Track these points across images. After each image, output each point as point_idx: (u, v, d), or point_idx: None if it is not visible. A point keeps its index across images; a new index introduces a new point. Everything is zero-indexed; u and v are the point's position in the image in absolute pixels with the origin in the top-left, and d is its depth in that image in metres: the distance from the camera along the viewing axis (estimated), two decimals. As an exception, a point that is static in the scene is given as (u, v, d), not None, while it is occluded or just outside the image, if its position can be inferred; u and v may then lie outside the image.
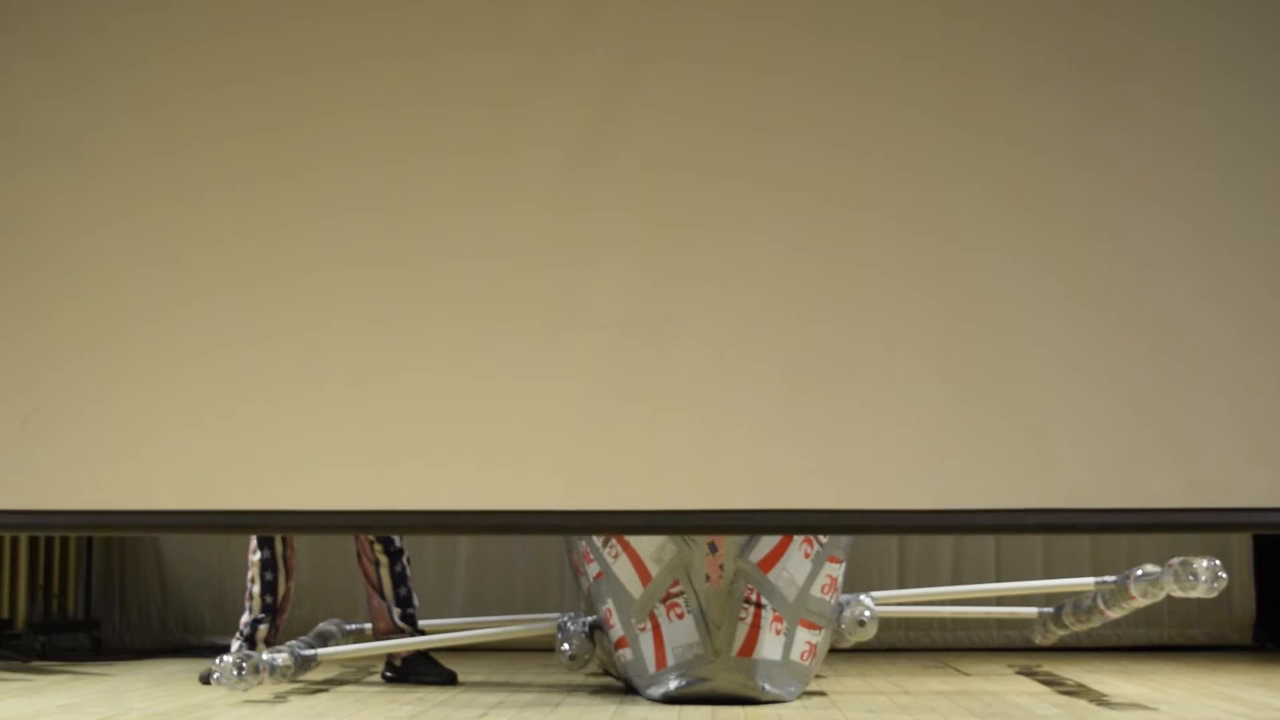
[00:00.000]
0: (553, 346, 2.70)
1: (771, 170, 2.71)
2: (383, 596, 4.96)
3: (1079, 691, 4.60)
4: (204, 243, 2.75)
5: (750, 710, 3.97)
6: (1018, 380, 2.67)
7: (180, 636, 7.00)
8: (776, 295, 2.70)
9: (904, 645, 6.76)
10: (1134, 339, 2.67)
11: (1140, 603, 4.45)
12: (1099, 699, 4.34)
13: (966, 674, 5.36)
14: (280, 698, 4.38)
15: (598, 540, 4.26)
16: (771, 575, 4.05)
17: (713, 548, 3.99)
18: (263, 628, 4.94)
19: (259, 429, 2.71)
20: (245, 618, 4.96)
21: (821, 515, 2.73)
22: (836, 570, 4.30)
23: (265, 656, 4.23)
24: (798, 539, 4.09)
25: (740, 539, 3.99)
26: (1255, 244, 2.68)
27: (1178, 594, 4.31)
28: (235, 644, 4.93)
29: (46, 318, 2.74)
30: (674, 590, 4.08)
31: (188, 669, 5.43)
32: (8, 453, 2.72)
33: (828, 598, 4.28)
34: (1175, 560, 4.33)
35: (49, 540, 6.51)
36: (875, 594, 4.60)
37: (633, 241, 2.72)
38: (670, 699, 4.10)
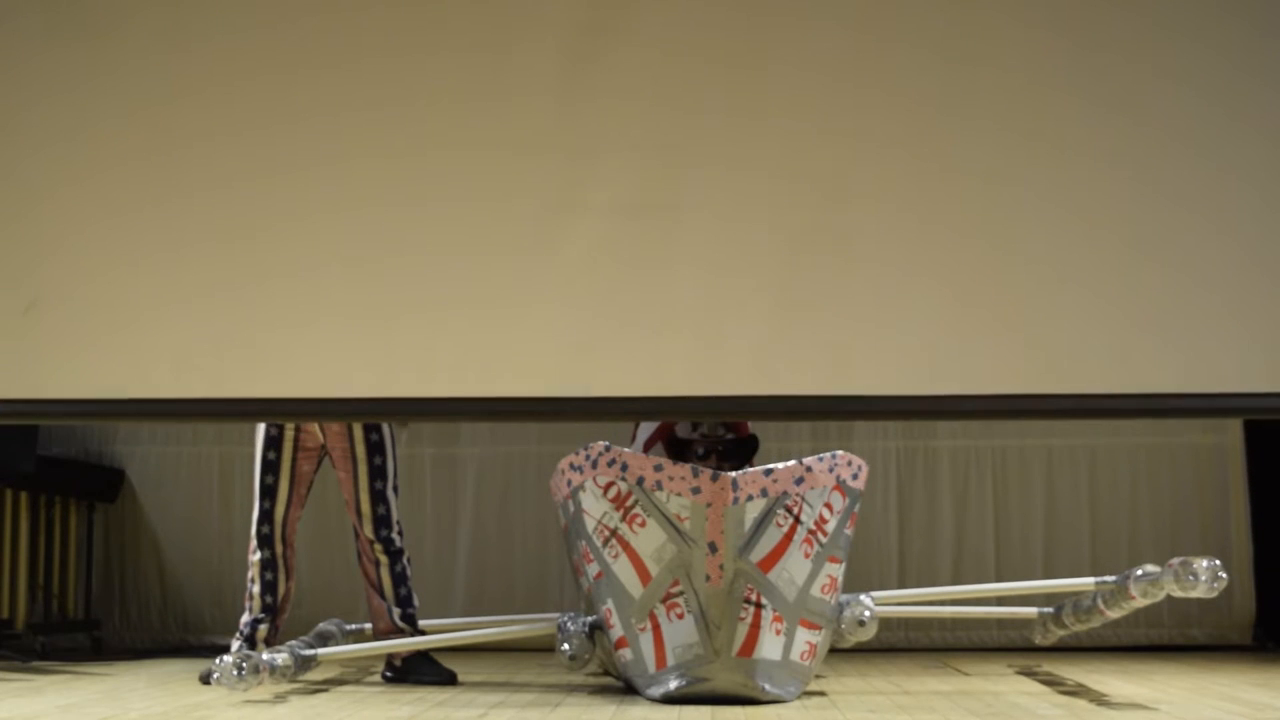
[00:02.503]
0: (552, 233, 2.71)
1: (778, 62, 2.72)
2: (383, 596, 4.96)
3: (1079, 691, 4.60)
4: (205, 133, 2.76)
5: (750, 710, 3.97)
6: (1014, 274, 2.70)
7: (180, 636, 7.00)
8: (778, 187, 2.72)
9: (904, 645, 6.77)
10: (1127, 232, 2.70)
11: (1140, 603, 4.45)
12: (1099, 699, 4.34)
13: (966, 674, 5.36)
14: (280, 698, 4.38)
15: (598, 540, 4.26)
16: (771, 575, 4.05)
17: (713, 548, 3.99)
18: (263, 628, 4.94)
19: (260, 317, 2.73)
20: (245, 618, 4.97)
21: (816, 401, 2.75)
22: (836, 570, 4.30)
23: (265, 656, 4.23)
24: (798, 539, 4.09)
25: (740, 539, 4.00)
26: (1244, 145, 2.72)
27: (1178, 594, 4.31)
28: (235, 644, 4.93)
29: (47, 206, 2.76)
30: (674, 590, 4.08)
31: (188, 669, 5.43)
32: (10, 342, 2.73)
33: (828, 598, 4.28)
34: (1175, 560, 4.33)
35: (49, 540, 6.52)
36: (875, 594, 4.60)
37: (633, 130, 2.73)
38: (670, 699, 4.10)
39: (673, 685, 4.09)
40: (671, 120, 2.73)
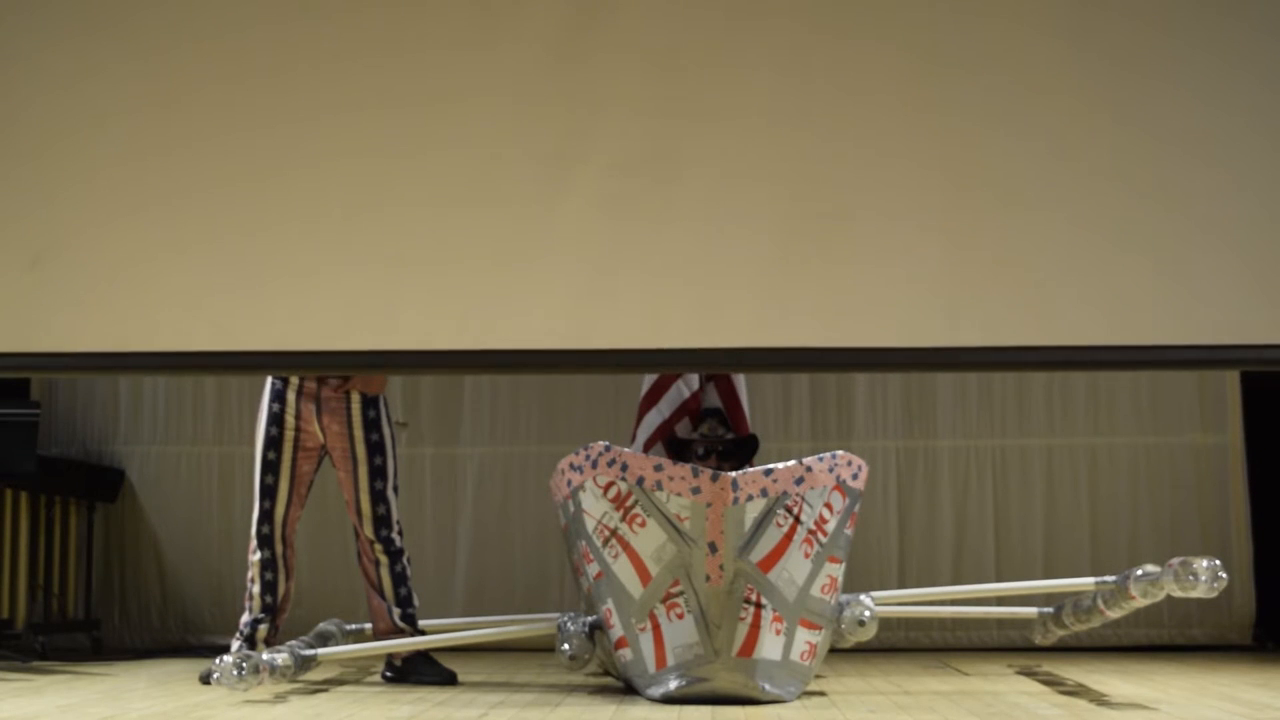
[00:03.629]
0: (553, 187, 2.72)
1: (776, 15, 2.73)
2: (383, 596, 4.96)
3: (1079, 691, 4.60)
4: (209, 83, 2.77)
5: (750, 710, 3.97)
6: (1013, 226, 2.71)
7: (180, 636, 7.00)
8: (777, 141, 2.73)
9: (904, 645, 6.77)
10: (1125, 185, 2.71)
11: (1140, 603, 4.46)
12: (1099, 699, 4.34)
13: (966, 674, 5.36)
14: (280, 698, 4.38)
15: (598, 540, 4.26)
16: (771, 575, 4.05)
17: (713, 548, 3.99)
18: (263, 628, 4.94)
19: (262, 270, 2.74)
20: (245, 618, 4.97)
21: (815, 353, 2.75)
22: (836, 570, 4.30)
23: (265, 656, 4.23)
24: (798, 539, 4.09)
25: (740, 539, 4.00)
26: (1245, 91, 2.72)
27: (1178, 594, 4.31)
28: (235, 644, 4.93)
29: (50, 159, 2.76)
30: (674, 590, 4.08)
31: (188, 669, 5.43)
32: (16, 296, 2.74)
33: (828, 598, 4.28)
34: (1175, 560, 4.33)
35: (49, 540, 6.52)
36: (875, 594, 4.60)
37: (633, 85, 2.74)
38: (670, 699, 4.10)
39: (673, 685, 4.09)
40: (671, 75, 2.74)
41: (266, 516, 4.97)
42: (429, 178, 2.75)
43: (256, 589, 4.95)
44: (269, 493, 4.97)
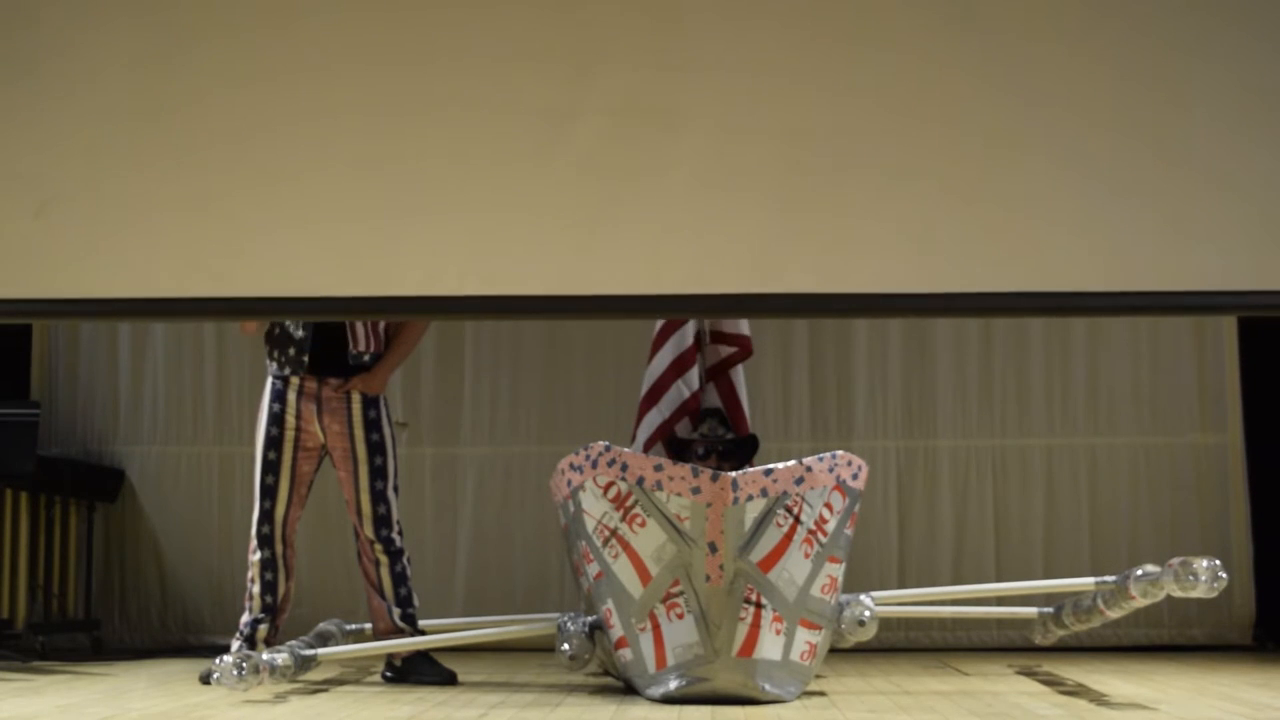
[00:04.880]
0: (553, 137, 2.74)
1: None
2: (383, 596, 4.96)
3: (1079, 691, 4.60)
4: (215, 35, 2.79)
5: (750, 710, 3.97)
6: (1008, 172, 2.72)
7: (180, 636, 7.00)
8: (774, 89, 2.74)
9: (904, 645, 6.77)
10: (1122, 132, 2.72)
11: (1140, 603, 4.46)
12: (1099, 699, 4.34)
13: (966, 674, 5.36)
14: (280, 698, 4.38)
15: (598, 540, 4.26)
16: (771, 575, 4.05)
17: (713, 548, 3.99)
18: (263, 628, 4.94)
19: (265, 219, 2.76)
20: (245, 618, 4.96)
21: (813, 299, 2.77)
22: (836, 570, 4.30)
23: (265, 656, 4.23)
24: (798, 539, 4.09)
25: (740, 539, 3.99)
26: (1239, 40, 2.73)
27: (1178, 594, 4.31)
28: (235, 644, 4.93)
29: (58, 110, 2.77)
30: (674, 590, 4.08)
31: (188, 669, 5.43)
32: (22, 244, 2.76)
33: (828, 598, 4.28)
34: (1175, 560, 4.33)
35: (49, 540, 6.51)
36: (875, 594, 4.60)
37: (631, 36, 2.76)
38: (670, 699, 4.10)
39: (673, 685, 4.09)
40: (667, 26, 2.75)
41: (267, 516, 4.97)
42: (430, 131, 2.76)
43: (256, 589, 4.94)
44: (269, 493, 4.97)
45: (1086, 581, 4.73)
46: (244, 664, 4.12)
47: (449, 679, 4.90)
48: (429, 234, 2.76)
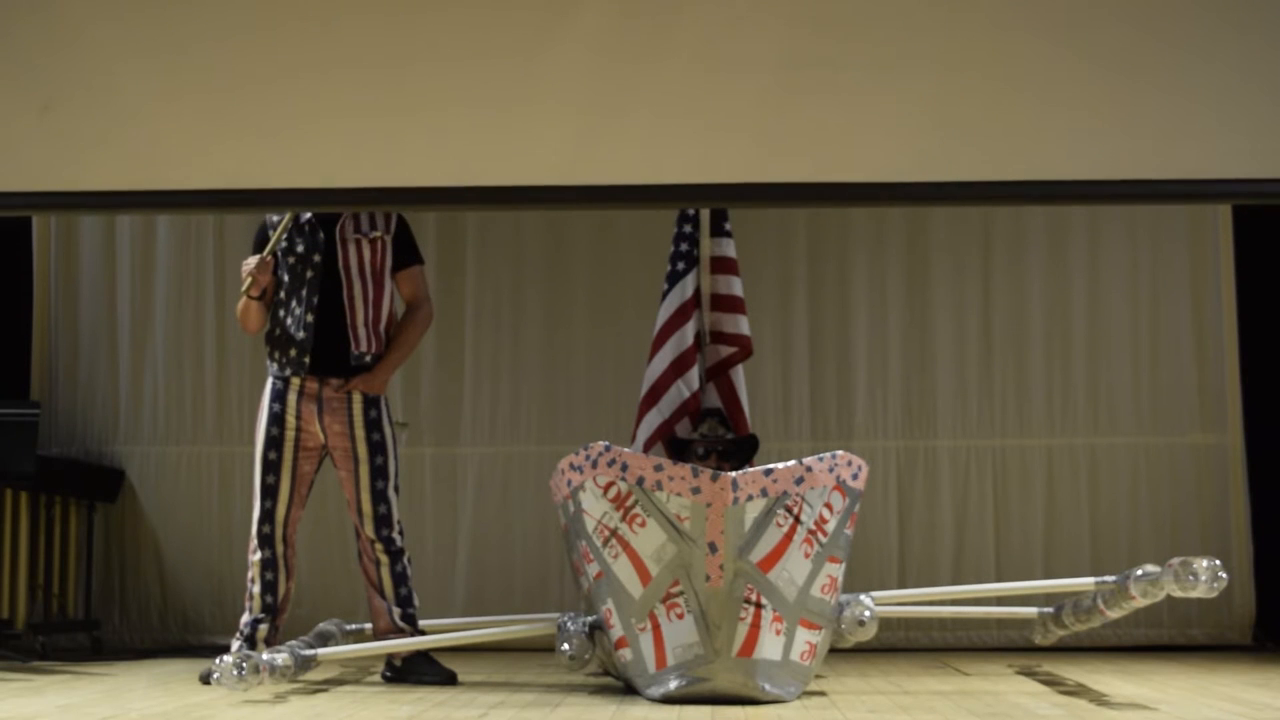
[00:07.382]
0: (553, 30, 2.74)
1: None
2: (383, 596, 4.96)
3: (1079, 691, 4.60)
4: None
5: (750, 710, 3.97)
6: (1006, 59, 2.72)
7: (180, 636, 7.00)
8: None
9: (904, 645, 6.77)
10: (1123, 18, 2.71)
11: (1140, 603, 4.46)
12: (1099, 699, 4.34)
13: (966, 674, 5.36)
14: (280, 698, 4.38)
15: (598, 540, 4.26)
16: (771, 575, 4.05)
17: (713, 548, 3.99)
18: (263, 628, 4.94)
19: (269, 113, 2.77)
20: (245, 618, 4.97)
21: (812, 188, 2.77)
22: (836, 570, 4.30)
23: (265, 656, 4.23)
24: (798, 539, 4.09)
25: (740, 539, 4.00)
26: None
27: (1178, 594, 4.31)
28: (235, 644, 4.93)
29: (62, 9, 2.78)
30: (674, 590, 4.08)
31: (188, 669, 5.43)
32: (28, 139, 2.76)
33: (828, 598, 4.28)
34: (1175, 560, 4.33)
35: (49, 540, 6.52)
36: (875, 594, 4.60)
37: None
38: (670, 699, 4.11)
39: (673, 685, 4.09)
40: None
41: (267, 516, 4.97)
42: (430, 26, 2.76)
43: (257, 589, 4.95)
44: (270, 493, 4.97)
45: (1086, 581, 4.74)
46: (244, 664, 4.12)
47: (449, 679, 4.91)
48: (428, 127, 2.76)
